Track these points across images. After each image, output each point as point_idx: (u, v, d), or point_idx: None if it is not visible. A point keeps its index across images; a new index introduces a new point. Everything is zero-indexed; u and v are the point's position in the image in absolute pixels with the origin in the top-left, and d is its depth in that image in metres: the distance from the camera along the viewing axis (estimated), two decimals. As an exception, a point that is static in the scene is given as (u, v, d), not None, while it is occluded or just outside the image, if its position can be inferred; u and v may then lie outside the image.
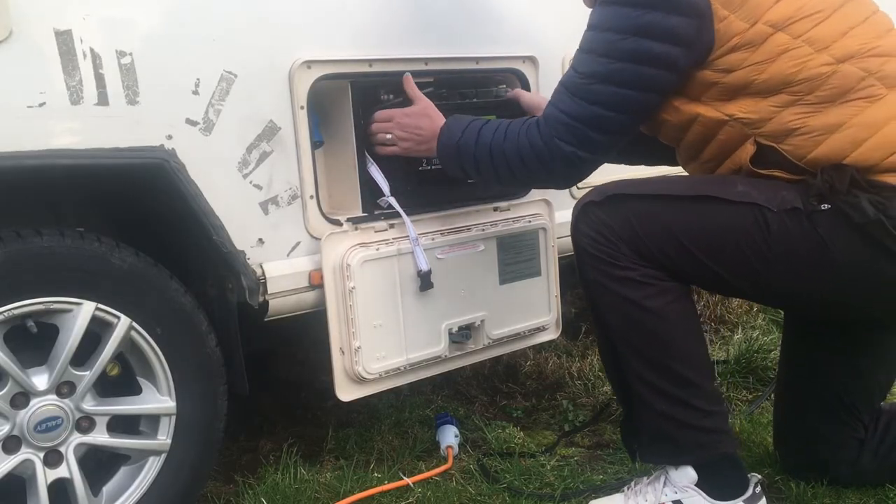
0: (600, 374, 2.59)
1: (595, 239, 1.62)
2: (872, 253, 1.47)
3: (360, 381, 1.85)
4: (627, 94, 1.55)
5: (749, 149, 1.56)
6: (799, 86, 1.50)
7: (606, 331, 1.69)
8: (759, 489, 1.67)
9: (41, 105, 1.45)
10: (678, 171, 1.87)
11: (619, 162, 2.01)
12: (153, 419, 1.68)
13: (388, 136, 1.84)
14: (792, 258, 1.52)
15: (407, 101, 1.87)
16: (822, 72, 1.49)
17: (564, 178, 1.71)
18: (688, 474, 1.66)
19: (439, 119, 1.81)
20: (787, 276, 1.53)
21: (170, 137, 1.59)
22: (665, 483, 1.68)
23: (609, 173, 1.89)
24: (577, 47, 1.62)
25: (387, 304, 1.86)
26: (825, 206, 1.48)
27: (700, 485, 1.65)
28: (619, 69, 1.53)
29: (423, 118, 1.82)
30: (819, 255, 1.49)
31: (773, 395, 2.04)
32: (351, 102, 1.84)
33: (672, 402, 1.62)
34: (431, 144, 1.79)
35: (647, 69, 1.53)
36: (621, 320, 1.63)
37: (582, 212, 1.66)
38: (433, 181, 1.97)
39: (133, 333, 1.62)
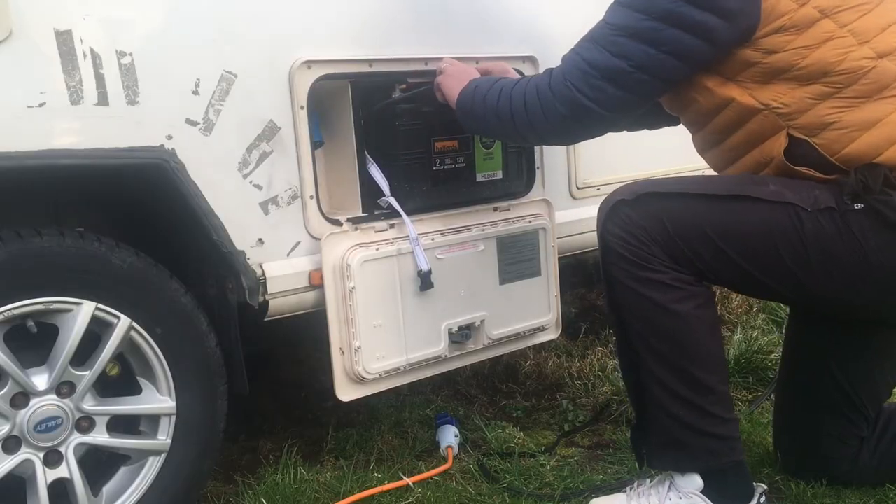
0: (600, 373, 2.59)
1: (626, 240, 1.58)
2: None
3: (359, 381, 1.85)
4: (656, 55, 1.50)
5: (782, 141, 1.54)
6: (838, 77, 1.49)
7: (627, 332, 1.65)
8: (763, 499, 1.67)
9: (41, 105, 1.45)
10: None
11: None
12: (153, 419, 1.68)
13: (444, 66, 1.85)
14: (827, 258, 1.50)
15: (422, 94, 1.88)
16: (862, 65, 1.48)
17: (561, 125, 1.62)
18: (694, 481, 1.64)
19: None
20: (822, 276, 1.52)
21: (170, 137, 1.59)
22: (670, 488, 1.66)
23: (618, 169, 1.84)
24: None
25: (387, 304, 1.86)
26: (858, 206, 1.47)
27: (706, 492, 1.64)
28: (653, 28, 1.49)
29: (472, 69, 1.84)
30: (854, 255, 1.49)
31: (774, 392, 2.03)
32: (351, 102, 1.84)
33: (690, 407, 1.60)
34: (457, 88, 1.78)
35: (682, 34, 1.49)
36: (645, 323, 1.60)
37: (612, 210, 1.62)
38: (445, 181, 1.98)
39: (133, 333, 1.62)
